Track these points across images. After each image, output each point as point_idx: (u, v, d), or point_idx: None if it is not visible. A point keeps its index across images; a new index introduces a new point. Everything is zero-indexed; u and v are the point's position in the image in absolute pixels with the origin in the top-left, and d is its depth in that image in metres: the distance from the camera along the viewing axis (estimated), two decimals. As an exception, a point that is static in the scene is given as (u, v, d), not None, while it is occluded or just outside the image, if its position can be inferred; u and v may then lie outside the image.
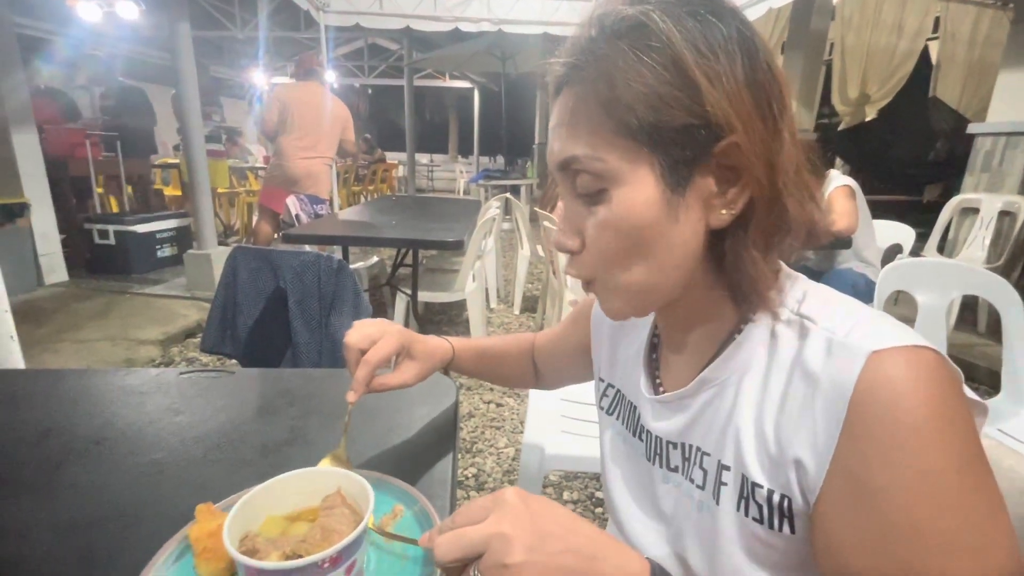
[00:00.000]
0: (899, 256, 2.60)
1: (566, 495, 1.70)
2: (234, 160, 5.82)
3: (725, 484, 0.41)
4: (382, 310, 3.13)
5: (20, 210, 3.39)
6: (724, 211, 0.39)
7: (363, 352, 0.57)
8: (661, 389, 0.50)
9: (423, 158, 12.30)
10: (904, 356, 0.34)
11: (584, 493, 1.73)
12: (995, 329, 2.75)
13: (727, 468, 0.41)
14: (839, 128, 4.72)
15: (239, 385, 0.82)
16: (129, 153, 4.42)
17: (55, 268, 3.61)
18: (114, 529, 0.50)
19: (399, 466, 0.60)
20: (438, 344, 0.67)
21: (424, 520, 0.49)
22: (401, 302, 2.52)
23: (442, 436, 0.68)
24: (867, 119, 4.52)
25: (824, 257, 2.48)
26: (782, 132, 0.39)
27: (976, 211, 3.11)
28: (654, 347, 0.53)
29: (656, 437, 0.48)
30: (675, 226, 0.39)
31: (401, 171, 9.67)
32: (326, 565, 0.38)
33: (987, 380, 2.38)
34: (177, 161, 4.96)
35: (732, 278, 0.41)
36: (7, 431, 0.67)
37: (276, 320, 1.45)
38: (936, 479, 0.32)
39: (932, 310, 1.43)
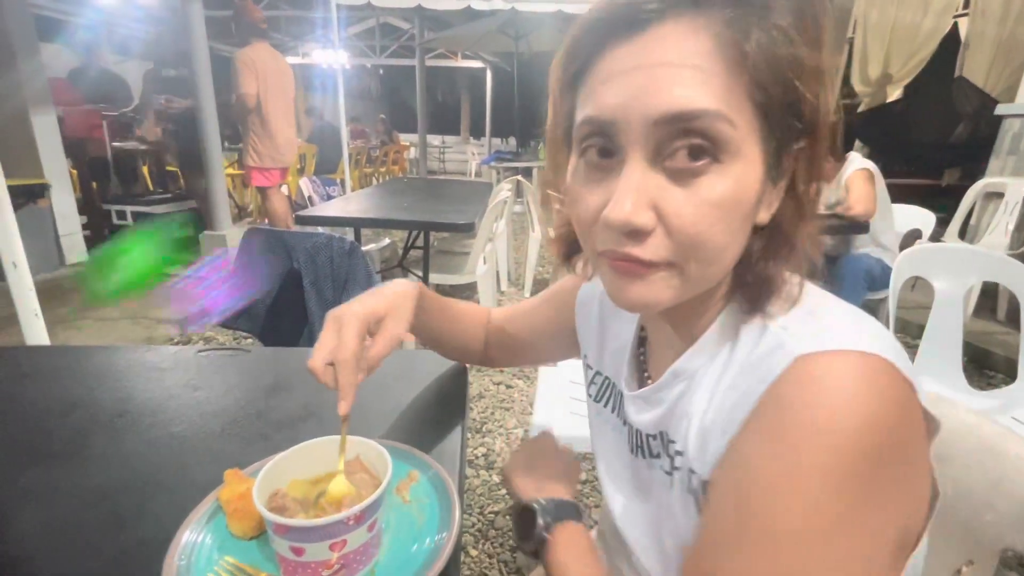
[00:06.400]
0: (919, 241, 2.55)
1: (574, 475, 1.73)
2: None
3: (678, 469, 0.42)
4: (394, 292, 3.14)
5: (40, 191, 3.45)
6: (766, 209, 0.37)
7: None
8: (649, 382, 0.49)
9: (435, 139, 12.23)
10: (835, 359, 0.32)
11: (592, 474, 1.75)
12: (1014, 317, 2.70)
13: (680, 454, 0.42)
14: (859, 110, 4.59)
15: (255, 363, 0.84)
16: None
17: (76, 248, 3.69)
18: (139, 496, 0.53)
19: (409, 445, 0.62)
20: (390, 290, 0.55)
21: (439, 485, 0.52)
22: (412, 284, 2.54)
23: (451, 416, 0.69)
24: (889, 100, 4.39)
25: (840, 242, 2.44)
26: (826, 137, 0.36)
27: (1001, 196, 3.02)
28: (642, 341, 0.52)
29: (637, 430, 0.48)
30: (751, 219, 0.36)
31: (413, 153, 9.63)
32: (351, 522, 0.40)
33: (1004, 368, 2.35)
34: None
35: (748, 277, 0.38)
36: (36, 404, 0.70)
37: (292, 299, 1.48)
38: (815, 494, 0.30)
39: (949, 296, 1.41)
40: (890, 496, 0.31)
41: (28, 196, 3.36)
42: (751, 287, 0.38)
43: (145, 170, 4.88)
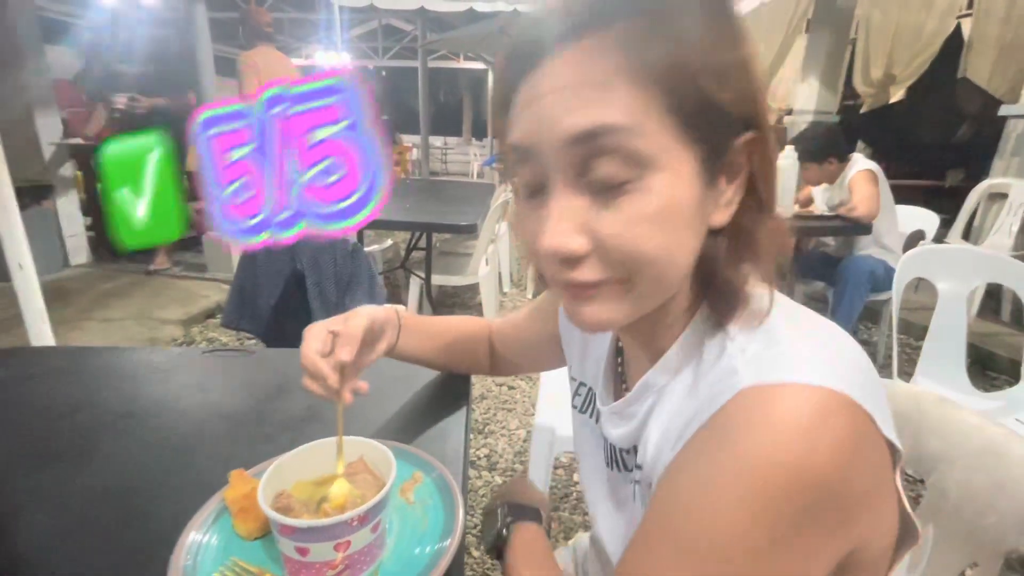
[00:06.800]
0: (922, 242, 2.54)
1: (576, 476, 1.72)
2: None
3: (639, 482, 0.42)
4: (396, 293, 3.16)
5: (45, 192, 3.47)
6: (723, 209, 0.36)
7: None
8: (627, 393, 0.48)
9: (437, 141, 12.22)
10: (777, 394, 0.30)
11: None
12: (1018, 318, 2.69)
13: (640, 467, 0.42)
14: (861, 111, 4.58)
15: (259, 364, 0.84)
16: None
17: (80, 249, 3.70)
18: (144, 497, 0.53)
19: (412, 446, 0.62)
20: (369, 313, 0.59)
21: (443, 486, 0.52)
22: (415, 285, 2.55)
23: (454, 417, 0.69)
24: (892, 101, 4.38)
25: (843, 243, 2.44)
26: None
27: (1005, 197, 3.01)
28: (620, 351, 0.51)
29: (611, 444, 0.48)
30: (696, 226, 0.34)
31: (415, 154, 9.65)
32: (354, 523, 0.41)
33: (1007, 370, 2.34)
34: None
35: (714, 283, 0.37)
36: (41, 404, 0.70)
37: (296, 301, 1.48)
38: (730, 520, 0.30)
39: (952, 298, 1.41)
40: (817, 532, 0.30)
41: (32, 197, 3.37)
42: (716, 296, 0.37)
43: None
